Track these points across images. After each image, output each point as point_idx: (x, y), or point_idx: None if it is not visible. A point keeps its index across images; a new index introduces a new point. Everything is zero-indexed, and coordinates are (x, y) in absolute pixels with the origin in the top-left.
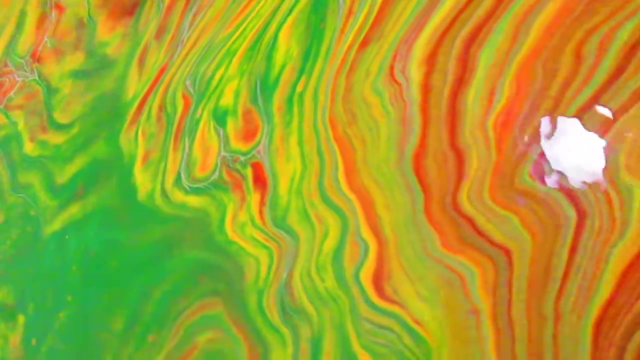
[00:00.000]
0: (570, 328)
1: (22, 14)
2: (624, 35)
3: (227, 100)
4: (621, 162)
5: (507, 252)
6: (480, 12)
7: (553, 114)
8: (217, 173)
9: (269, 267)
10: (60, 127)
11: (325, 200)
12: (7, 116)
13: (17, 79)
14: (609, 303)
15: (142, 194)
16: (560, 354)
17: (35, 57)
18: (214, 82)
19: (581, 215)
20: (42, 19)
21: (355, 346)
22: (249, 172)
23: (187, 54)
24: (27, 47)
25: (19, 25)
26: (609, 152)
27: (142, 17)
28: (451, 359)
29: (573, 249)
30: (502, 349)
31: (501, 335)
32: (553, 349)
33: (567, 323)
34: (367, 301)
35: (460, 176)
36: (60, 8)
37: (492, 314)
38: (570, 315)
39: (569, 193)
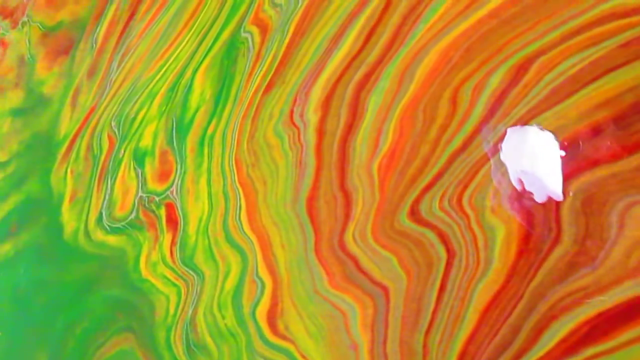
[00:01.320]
0: None
1: None
2: (494, 81)
3: (146, 141)
4: (486, 204)
5: (386, 290)
6: (370, 59)
7: (430, 158)
8: (134, 213)
9: (177, 305)
10: None
11: (229, 239)
12: None
13: None
14: (470, 340)
15: (67, 232)
16: None
17: None
18: (136, 123)
19: (451, 254)
20: None
21: None
22: (162, 212)
23: (114, 95)
24: None
25: None
26: (477, 194)
27: (76, 57)
28: None
29: (442, 287)
30: None
31: None
32: None
33: (433, 358)
34: (262, 337)
35: (347, 217)
36: (4, 44)
37: (369, 348)
38: (437, 350)
39: (441, 233)
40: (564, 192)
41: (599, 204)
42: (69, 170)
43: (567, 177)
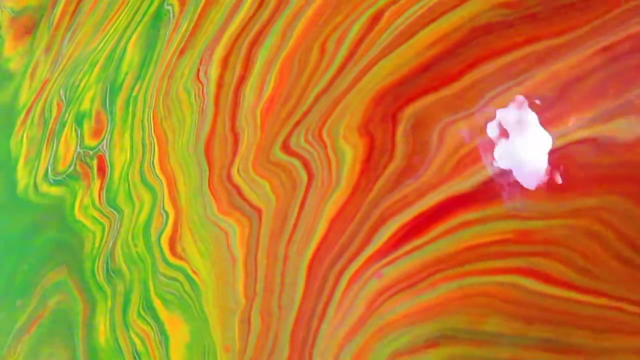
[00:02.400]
0: (293, 266)
1: None
2: (354, 30)
3: (86, 105)
4: (340, 132)
5: (259, 211)
6: (262, 20)
7: (300, 100)
8: (73, 166)
9: (101, 239)
10: None
11: (143, 181)
12: None
13: None
14: (320, 245)
15: (20, 188)
16: (285, 285)
17: None
18: (79, 90)
19: (310, 177)
20: None
21: (153, 295)
22: (94, 163)
23: (63, 67)
24: None
25: None
26: (333, 126)
27: (37, 36)
28: (214, 298)
29: (302, 204)
30: (247, 287)
31: (248, 276)
32: (281, 285)
33: (292, 262)
34: (164, 259)
35: (234, 154)
36: None
37: (244, 260)
38: (295, 256)
39: (304, 161)
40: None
41: (425, 125)
42: (24, 134)
43: (402, 106)
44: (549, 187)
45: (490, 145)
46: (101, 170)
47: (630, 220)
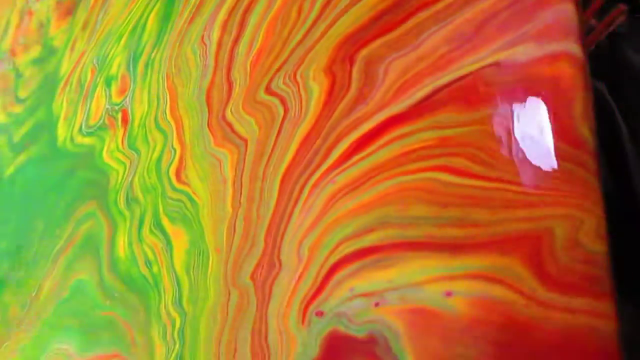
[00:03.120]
0: (270, 183)
1: (8, 22)
2: None
3: (113, 70)
4: (310, 74)
5: (245, 141)
6: None
7: (281, 50)
8: (102, 120)
9: (123, 175)
10: (20, 101)
11: (157, 126)
12: None
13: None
14: (291, 163)
15: (60, 141)
16: (262, 199)
17: (13, 52)
18: (108, 58)
19: (286, 111)
20: (19, 23)
21: (162, 215)
22: (119, 116)
23: (97, 40)
24: (9, 45)
25: (5, 30)
26: (305, 69)
27: (76, 16)
28: (209, 211)
29: (279, 133)
30: (234, 201)
31: (235, 193)
32: (260, 198)
33: (268, 180)
34: (171, 186)
35: (228, 98)
36: (30, 14)
37: (232, 181)
38: (271, 175)
39: (282, 99)
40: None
41: (374, 63)
42: (64, 98)
43: (357, 50)
44: (463, 102)
45: (422, 75)
46: (124, 120)
47: (520, 122)
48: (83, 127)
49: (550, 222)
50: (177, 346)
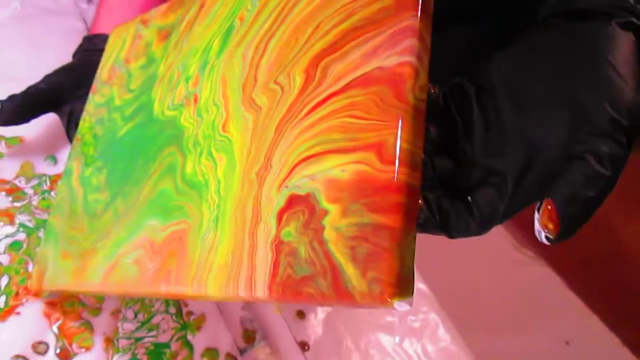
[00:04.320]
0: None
1: (124, 41)
2: None
3: (190, 72)
4: None
5: (260, 108)
6: None
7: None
8: (182, 101)
9: (192, 131)
10: (130, 91)
11: (214, 103)
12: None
13: None
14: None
15: (155, 114)
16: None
17: (127, 61)
18: (188, 65)
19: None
20: (132, 43)
21: (212, 149)
22: (192, 98)
23: (182, 54)
24: (124, 56)
25: (122, 47)
26: None
27: (170, 39)
28: (239, 148)
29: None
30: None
31: (252, 136)
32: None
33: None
34: (219, 133)
35: (255, 84)
36: (140, 37)
37: (252, 130)
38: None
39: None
40: None
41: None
42: (159, 89)
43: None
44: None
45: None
46: (195, 100)
47: None
48: (170, 105)
49: None
50: (215, 213)
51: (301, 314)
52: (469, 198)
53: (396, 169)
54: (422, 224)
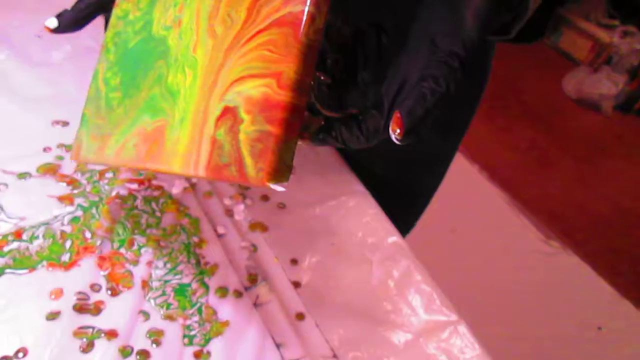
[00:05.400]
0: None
1: None
2: None
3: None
4: None
5: None
6: None
7: None
8: (171, 23)
9: (176, 44)
10: (139, 10)
11: (189, 27)
12: None
13: None
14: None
15: (153, 32)
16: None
17: None
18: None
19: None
20: None
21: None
22: (177, 22)
23: None
24: None
25: None
26: None
27: None
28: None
29: None
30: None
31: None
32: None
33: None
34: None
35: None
36: None
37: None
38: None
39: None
40: None
41: None
42: (157, 12)
43: None
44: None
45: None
46: (179, 24)
47: None
48: (163, 26)
49: None
50: (181, 115)
51: (294, 261)
52: (360, 117)
53: (286, 93)
54: (322, 139)
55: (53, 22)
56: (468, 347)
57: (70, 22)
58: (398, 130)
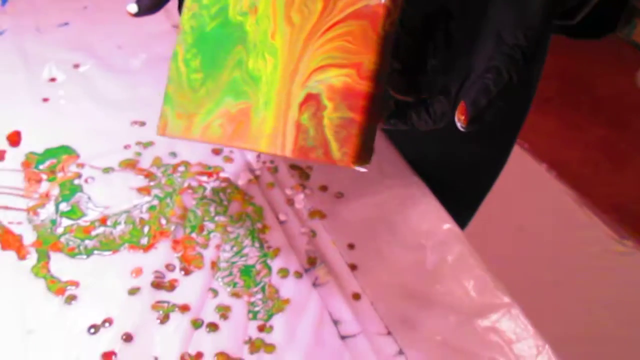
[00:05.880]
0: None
1: None
2: None
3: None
4: None
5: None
6: None
7: None
8: (248, 8)
9: (254, 31)
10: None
11: (265, 14)
12: None
13: None
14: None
15: (230, 16)
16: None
17: None
18: None
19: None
20: None
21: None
22: (254, 9)
23: None
24: None
25: None
26: None
27: None
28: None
29: None
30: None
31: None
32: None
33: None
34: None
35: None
36: None
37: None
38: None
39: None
40: None
41: None
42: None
43: None
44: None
45: None
46: (255, 11)
47: None
48: (239, 11)
49: None
50: (264, 98)
51: (351, 246)
52: (428, 102)
53: (366, 83)
54: (393, 123)
55: (133, 8)
56: (521, 328)
57: (149, 5)
58: (463, 118)
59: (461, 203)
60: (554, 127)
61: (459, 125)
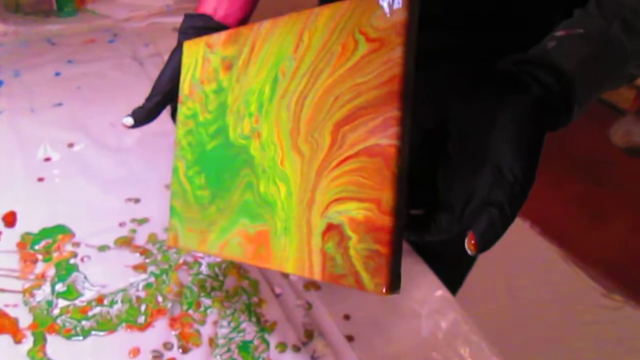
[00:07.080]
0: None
1: (196, 62)
2: None
3: (252, 110)
4: None
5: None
6: None
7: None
8: (249, 134)
9: (259, 157)
10: (209, 112)
11: (271, 141)
12: None
13: None
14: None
15: (231, 139)
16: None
17: (202, 82)
18: (249, 104)
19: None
20: (202, 64)
21: (276, 174)
22: (256, 133)
23: (244, 91)
24: (199, 77)
25: (195, 67)
26: None
27: (232, 73)
28: (291, 166)
29: None
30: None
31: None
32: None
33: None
34: (279, 163)
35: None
36: (208, 60)
37: (303, 163)
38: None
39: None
40: None
41: None
42: (231, 118)
43: None
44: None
45: None
46: (259, 136)
47: None
48: (240, 135)
49: None
50: (284, 224)
51: (347, 317)
52: (433, 216)
53: (387, 218)
54: (406, 236)
55: (129, 121)
56: None
57: (144, 118)
58: (472, 249)
59: (453, 269)
60: (534, 184)
61: (468, 252)
